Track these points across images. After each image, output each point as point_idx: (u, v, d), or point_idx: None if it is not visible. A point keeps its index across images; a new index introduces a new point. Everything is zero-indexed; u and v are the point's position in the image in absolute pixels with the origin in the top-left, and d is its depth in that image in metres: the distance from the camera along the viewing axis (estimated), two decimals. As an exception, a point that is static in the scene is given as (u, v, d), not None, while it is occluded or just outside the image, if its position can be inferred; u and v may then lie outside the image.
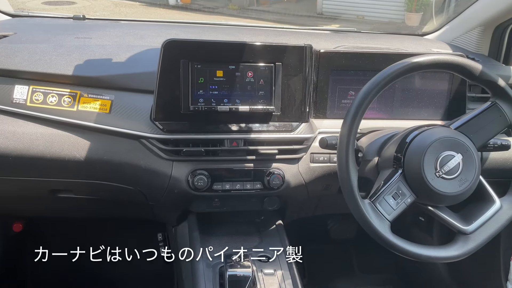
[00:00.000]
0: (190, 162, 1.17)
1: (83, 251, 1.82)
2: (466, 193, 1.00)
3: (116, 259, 1.82)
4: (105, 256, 1.83)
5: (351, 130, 0.98)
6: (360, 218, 0.97)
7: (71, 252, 1.80)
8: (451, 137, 1.00)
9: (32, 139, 1.13)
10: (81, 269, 1.79)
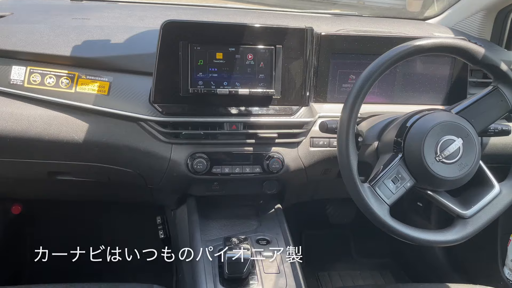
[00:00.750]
0: (189, 145, 1.17)
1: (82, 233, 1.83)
2: (466, 177, 1.00)
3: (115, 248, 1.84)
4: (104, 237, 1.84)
5: (352, 114, 0.98)
6: (359, 202, 0.97)
7: (70, 235, 1.81)
8: (452, 122, 0.99)
9: (30, 120, 1.12)
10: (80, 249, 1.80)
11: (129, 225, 1.86)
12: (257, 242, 1.13)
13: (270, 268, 1.02)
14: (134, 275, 1.75)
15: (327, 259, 1.95)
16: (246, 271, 0.95)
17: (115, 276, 1.14)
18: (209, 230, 1.19)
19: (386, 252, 2.01)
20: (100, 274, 1.67)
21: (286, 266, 1.03)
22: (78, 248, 1.81)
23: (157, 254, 1.81)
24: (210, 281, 0.96)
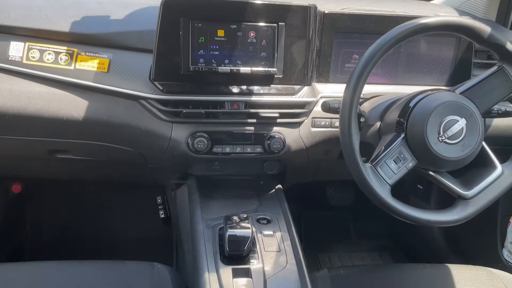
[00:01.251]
0: (190, 124, 1.16)
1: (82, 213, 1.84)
2: (468, 158, 0.99)
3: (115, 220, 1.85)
4: (104, 217, 1.86)
5: (355, 93, 0.96)
6: (361, 182, 0.97)
7: (70, 214, 1.82)
8: (455, 101, 0.98)
9: (29, 97, 1.11)
10: (80, 230, 1.81)
11: (129, 205, 1.86)
12: (258, 221, 1.13)
13: (270, 247, 1.02)
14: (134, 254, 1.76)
15: (326, 241, 1.96)
16: (246, 249, 0.95)
17: (116, 255, 1.14)
18: (210, 209, 1.19)
19: (385, 234, 2.02)
20: (100, 253, 1.68)
21: (286, 245, 1.03)
22: (79, 226, 1.82)
23: (157, 234, 1.82)
24: (210, 258, 0.96)
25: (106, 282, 1.00)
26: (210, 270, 0.93)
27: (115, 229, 1.85)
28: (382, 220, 2.03)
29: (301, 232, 1.92)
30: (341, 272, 1.11)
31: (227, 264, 0.95)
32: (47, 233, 1.79)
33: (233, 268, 0.93)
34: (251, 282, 0.90)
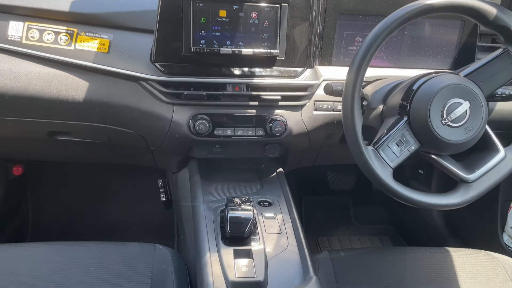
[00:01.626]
0: (191, 106, 1.15)
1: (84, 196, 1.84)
2: (471, 141, 0.99)
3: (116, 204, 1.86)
4: (105, 200, 1.86)
5: (358, 76, 0.95)
6: (363, 165, 0.96)
7: (71, 196, 1.83)
8: (459, 84, 0.97)
9: (29, 78, 1.10)
10: (81, 213, 1.82)
11: (130, 188, 1.87)
12: (259, 204, 1.13)
13: (271, 228, 1.03)
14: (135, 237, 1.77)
15: (326, 225, 1.97)
16: (247, 230, 0.95)
17: (117, 238, 1.15)
18: (211, 191, 1.19)
19: (386, 218, 2.03)
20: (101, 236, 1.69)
21: (287, 227, 1.03)
22: (80, 209, 1.83)
23: (158, 217, 1.83)
24: (212, 240, 0.97)
25: (107, 263, 1.01)
26: (211, 251, 0.93)
27: (116, 212, 1.85)
28: (382, 205, 2.04)
29: (301, 216, 1.92)
30: (341, 254, 1.12)
31: (228, 245, 0.95)
32: (48, 215, 1.79)
33: (235, 249, 0.94)
34: (252, 263, 0.90)
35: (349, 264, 1.09)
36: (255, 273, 0.88)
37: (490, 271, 1.11)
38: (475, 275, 1.09)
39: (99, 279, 0.97)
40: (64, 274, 0.96)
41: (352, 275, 1.06)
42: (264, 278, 0.87)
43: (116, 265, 1.01)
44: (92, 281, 0.96)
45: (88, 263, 1.00)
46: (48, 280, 0.95)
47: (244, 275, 0.87)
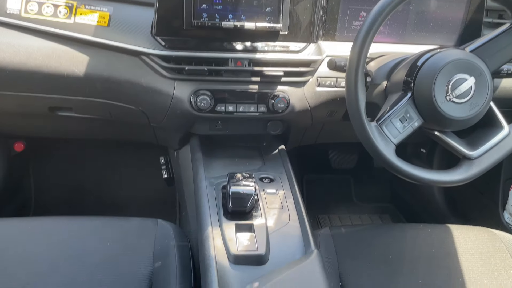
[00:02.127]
0: (193, 82, 1.14)
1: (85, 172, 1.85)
2: (476, 117, 0.98)
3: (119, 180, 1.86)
4: (107, 177, 1.87)
5: (362, 51, 0.94)
6: (366, 141, 0.96)
7: (73, 172, 1.83)
8: (465, 59, 0.96)
9: (29, 52, 1.09)
10: (83, 189, 1.83)
11: (132, 165, 1.87)
12: (261, 180, 1.13)
13: (273, 204, 1.03)
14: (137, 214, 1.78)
15: (327, 203, 1.98)
16: (249, 205, 0.95)
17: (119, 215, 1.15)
18: (213, 168, 1.19)
19: (387, 197, 2.04)
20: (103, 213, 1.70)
21: (289, 202, 1.04)
22: (82, 186, 1.84)
23: (160, 194, 1.84)
24: (214, 214, 0.97)
25: (109, 237, 1.02)
26: (213, 225, 0.94)
27: (118, 189, 1.86)
28: (383, 184, 2.04)
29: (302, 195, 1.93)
30: (342, 230, 1.13)
31: (230, 219, 0.95)
32: (51, 191, 1.80)
33: (236, 223, 0.94)
34: (254, 237, 0.91)
35: (350, 240, 1.10)
36: (257, 247, 0.88)
37: (490, 247, 1.11)
38: (476, 251, 1.10)
39: (102, 253, 0.97)
40: (67, 247, 0.97)
41: (353, 250, 1.07)
42: (266, 251, 0.88)
43: (118, 240, 1.01)
44: (95, 255, 0.97)
45: (90, 237, 1.01)
46: (50, 253, 0.95)
47: (246, 248, 0.88)
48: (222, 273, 0.83)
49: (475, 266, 1.07)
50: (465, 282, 1.03)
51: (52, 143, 1.71)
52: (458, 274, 1.04)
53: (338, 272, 1.02)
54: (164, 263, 0.97)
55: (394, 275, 1.02)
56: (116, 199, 1.83)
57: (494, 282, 1.04)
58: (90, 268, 0.94)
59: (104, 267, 0.94)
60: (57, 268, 0.93)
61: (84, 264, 0.94)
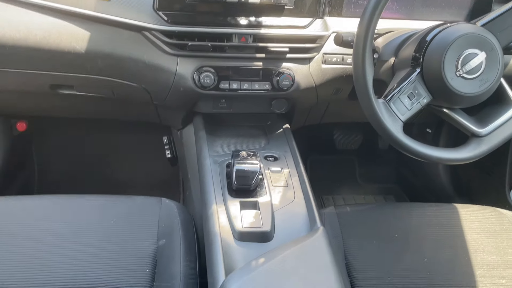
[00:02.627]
0: (196, 58, 1.12)
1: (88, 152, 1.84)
2: (486, 94, 0.96)
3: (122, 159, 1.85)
4: (110, 157, 1.86)
5: (369, 26, 0.91)
6: (373, 118, 0.94)
7: (76, 152, 1.82)
8: (476, 34, 0.93)
9: (29, 27, 1.06)
10: (86, 169, 1.82)
11: (135, 145, 1.86)
12: (265, 158, 1.12)
13: (278, 182, 1.02)
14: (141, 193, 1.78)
15: (331, 184, 1.97)
16: (254, 183, 0.94)
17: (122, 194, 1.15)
18: (217, 146, 1.17)
19: (391, 177, 2.03)
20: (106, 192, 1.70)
21: (294, 180, 1.02)
22: (85, 166, 1.83)
23: (164, 174, 1.83)
24: (218, 192, 0.96)
25: (113, 215, 1.01)
26: (218, 202, 0.93)
27: (121, 169, 1.86)
28: (388, 165, 2.03)
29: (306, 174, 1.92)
30: (347, 209, 1.12)
31: (235, 197, 0.95)
32: (53, 171, 1.80)
33: (241, 201, 0.93)
34: (259, 214, 0.90)
35: (355, 219, 1.09)
36: (262, 224, 0.87)
37: (497, 226, 1.10)
38: (482, 230, 1.09)
39: (106, 230, 0.97)
40: (70, 225, 0.97)
41: (358, 228, 1.06)
42: (271, 228, 0.87)
43: (122, 218, 1.01)
44: (99, 232, 0.96)
45: (94, 215, 1.00)
46: (54, 230, 0.95)
47: (251, 225, 0.87)
48: (227, 249, 0.83)
49: (481, 245, 1.06)
50: (471, 261, 1.02)
51: (54, 122, 1.70)
52: (464, 253, 1.04)
53: (343, 249, 1.02)
54: (169, 241, 0.97)
55: (399, 253, 1.01)
56: (120, 179, 1.83)
57: (501, 261, 1.03)
58: (94, 245, 0.93)
59: (108, 244, 0.94)
60: (62, 244, 0.92)
61: (89, 241, 0.94)
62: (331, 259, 0.79)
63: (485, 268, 1.02)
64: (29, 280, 0.86)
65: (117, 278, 0.88)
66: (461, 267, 1.01)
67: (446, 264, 1.01)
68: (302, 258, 0.78)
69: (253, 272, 0.75)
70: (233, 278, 0.74)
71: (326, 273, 0.76)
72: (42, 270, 0.87)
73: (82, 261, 0.90)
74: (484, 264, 1.02)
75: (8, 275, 0.86)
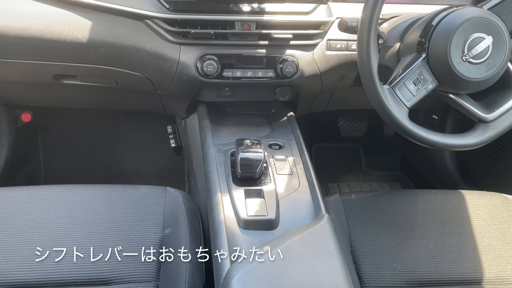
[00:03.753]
0: (199, 46, 1.11)
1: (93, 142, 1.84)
2: (492, 79, 0.94)
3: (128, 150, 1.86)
4: (115, 146, 1.86)
5: (374, 10, 0.89)
6: (378, 104, 0.93)
7: (81, 142, 1.83)
8: (483, 17, 0.91)
9: (31, 17, 1.06)
10: (92, 159, 1.83)
11: (139, 134, 1.86)
12: (269, 147, 1.11)
13: (282, 170, 1.01)
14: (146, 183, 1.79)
15: (337, 172, 1.97)
16: (258, 171, 0.94)
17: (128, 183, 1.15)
18: (221, 135, 1.17)
19: (396, 165, 2.02)
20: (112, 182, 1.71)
21: (299, 168, 1.02)
22: (90, 156, 1.84)
23: (169, 163, 1.84)
24: (223, 180, 0.96)
25: (118, 204, 1.01)
26: (222, 191, 0.93)
27: (126, 159, 1.86)
28: (393, 152, 2.02)
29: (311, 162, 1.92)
30: (352, 196, 1.11)
31: (239, 185, 0.94)
32: (59, 161, 1.81)
33: (246, 189, 0.93)
34: (263, 202, 0.90)
35: (360, 206, 1.08)
36: (267, 212, 0.87)
37: (504, 213, 1.09)
38: (489, 216, 1.08)
39: (111, 220, 0.97)
40: (76, 215, 0.97)
41: (363, 215, 1.06)
42: (276, 216, 0.87)
43: (127, 207, 1.01)
44: (105, 222, 0.97)
45: (100, 205, 1.01)
46: (60, 220, 0.96)
47: (256, 213, 0.87)
48: (232, 237, 0.83)
49: (487, 231, 1.06)
50: (478, 247, 1.02)
51: (59, 113, 1.70)
52: (470, 239, 1.03)
53: (348, 236, 1.02)
54: (174, 230, 0.97)
55: (405, 239, 1.01)
56: (124, 169, 1.84)
57: (507, 247, 1.03)
58: (100, 235, 0.94)
59: (114, 234, 0.94)
60: (68, 233, 0.93)
61: (94, 231, 0.94)
62: (336, 246, 0.79)
63: (491, 254, 1.01)
64: (35, 270, 0.87)
65: (123, 267, 0.89)
66: (467, 253, 1.01)
67: (452, 251, 1.01)
68: (307, 246, 0.78)
69: (258, 260, 0.75)
70: (238, 267, 0.75)
71: (331, 261, 0.76)
72: (48, 260, 0.88)
73: (88, 251, 0.90)
74: (490, 250, 1.02)
75: (15, 265, 0.87)
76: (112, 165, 1.84)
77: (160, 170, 1.84)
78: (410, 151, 1.93)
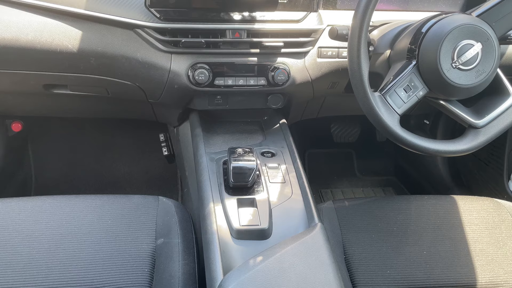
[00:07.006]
0: (190, 55, 1.10)
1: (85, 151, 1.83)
2: (482, 85, 0.95)
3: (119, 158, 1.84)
4: (107, 155, 1.85)
5: (364, 18, 0.90)
6: (369, 112, 0.93)
7: (73, 152, 1.82)
8: (472, 24, 0.92)
9: (20, 27, 1.05)
10: (83, 168, 1.82)
11: (131, 143, 1.85)
12: (262, 154, 1.11)
13: (275, 178, 1.01)
14: (138, 192, 1.78)
15: (330, 177, 1.97)
16: (251, 180, 0.94)
17: (120, 192, 1.14)
18: (213, 143, 1.17)
19: (389, 170, 2.03)
20: (104, 191, 1.69)
21: (291, 176, 1.02)
22: (82, 165, 1.82)
23: (161, 171, 1.83)
24: (215, 189, 0.95)
25: (110, 215, 1.00)
26: (215, 200, 0.92)
27: (118, 168, 1.85)
28: (386, 157, 2.03)
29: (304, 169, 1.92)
30: (345, 203, 1.11)
31: (232, 194, 0.94)
32: (51, 171, 1.79)
33: (238, 198, 0.93)
34: (256, 212, 0.89)
35: (354, 213, 1.08)
36: (259, 221, 0.87)
37: (496, 217, 1.10)
38: (481, 221, 1.09)
39: (104, 230, 0.96)
40: (68, 226, 0.96)
41: (357, 223, 1.06)
42: (269, 225, 0.87)
43: (119, 217, 1.00)
44: (97, 233, 0.96)
45: (91, 216, 1.00)
46: (51, 232, 0.95)
47: (248, 223, 0.87)
48: (225, 248, 0.82)
49: (480, 236, 1.06)
50: (471, 252, 1.02)
51: (50, 122, 1.69)
52: (463, 245, 1.04)
53: (342, 243, 1.02)
54: (167, 240, 0.96)
55: (399, 246, 1.01)
56: (117, 178, 1.83)
57: (500, 252, 1.03)
58: (92, 246, 0.93)
59: (106, 245, 0.93)
60: (59, 245, 0.92)
61: (86, 242, 0.93)
62: (329, 255, 0.78)
63: (484, 259, 1.02)
64: (27, 282, 0.86)
65: (116, 278, 0.88)
66: (460, 258, 1.01)
67: (445, 256, 1.01)
68: (300, 256, 0.78)
69: (251, 270, 0.75)
70: (231, 277, 0.74)
71: (325, 271, 0.76)
72: (40, 272, 0.87)
73: (80, 263, 0.89)
74: (483, 255, 1.02)
75: (6, 277, 0.86)
76: (104, 174, 1.83)
77: (152, 178, 1.83)
78: (403, 156, 1.94)
